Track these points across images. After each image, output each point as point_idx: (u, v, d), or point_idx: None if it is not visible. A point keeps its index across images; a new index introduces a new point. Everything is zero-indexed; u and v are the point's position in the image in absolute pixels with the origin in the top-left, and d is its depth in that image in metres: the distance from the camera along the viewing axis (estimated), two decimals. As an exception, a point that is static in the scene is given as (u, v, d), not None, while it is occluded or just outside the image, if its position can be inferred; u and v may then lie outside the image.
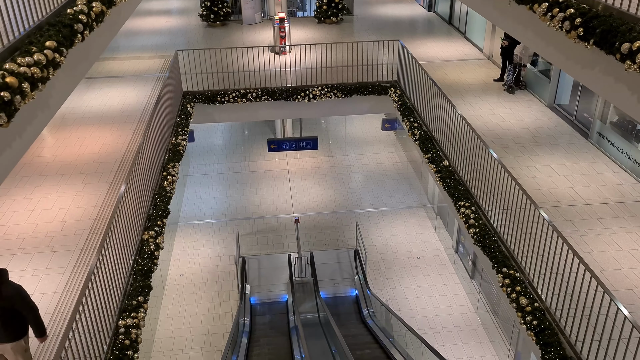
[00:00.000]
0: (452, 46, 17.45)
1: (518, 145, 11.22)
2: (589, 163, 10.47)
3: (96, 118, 12.37)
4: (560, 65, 6.82)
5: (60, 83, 6.03)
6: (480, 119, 12.37)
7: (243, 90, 14.09)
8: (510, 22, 8.12)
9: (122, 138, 11.40)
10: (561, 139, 11.43)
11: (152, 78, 14.77)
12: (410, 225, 16.12)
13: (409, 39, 17.79)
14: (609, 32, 5.26)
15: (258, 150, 20.57)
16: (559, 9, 6.15)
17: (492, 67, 15.53)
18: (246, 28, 19.71)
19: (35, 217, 8.83)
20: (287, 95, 14.28)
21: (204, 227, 16.36)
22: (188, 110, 13.41)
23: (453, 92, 13.72)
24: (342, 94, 14.42)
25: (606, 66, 5.60)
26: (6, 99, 4.38)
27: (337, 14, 20.03)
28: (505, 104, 13.15)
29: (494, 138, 11.50)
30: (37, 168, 10.26)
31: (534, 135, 11.58)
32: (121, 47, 17.80)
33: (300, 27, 19.65)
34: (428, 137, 11.96)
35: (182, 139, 12.01)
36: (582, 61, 6.12)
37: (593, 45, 5.57)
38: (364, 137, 21.31)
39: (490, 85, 14.23)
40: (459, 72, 15.21)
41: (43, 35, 5.43)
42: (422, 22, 20.39)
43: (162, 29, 19.83)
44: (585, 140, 11.32)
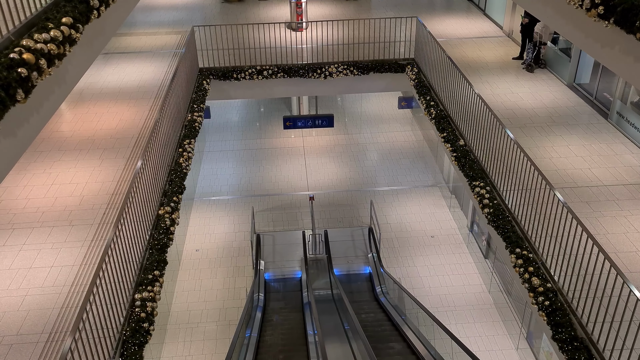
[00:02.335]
0: (472, 23, 17.16)
1: (536, 125, 11.09)
2: (607, 144, 10.33)
3: (113, 94, 12.46)
4: (580, 44, 6.70)
5: (76, 59, 6.08)
6: (498, 98, 12.22)
7: (259, 67, 14.06)
8: (530, 0, 7.96)
9: (139, 114, 11.49)
10: (580, 119, 11.26)
11: (169, 54, 14.80)
12: (425, 204, 16.10)
13: (427, 16, 17.53)
14: (630, 11, 5.14)
15: (274, 127, 20.58)
16: (579, -14, 6.02)
17: (512, 45, 15.27)
18: (263, 4, 19.57)
19: (54, 191, 8.99)
20: (303, 72, 14.21)
21: (219, 203, 16.52)
22: (204, 86, 13.43)
23: (471, 70, 13.54)
24: (358, 72, 14.31)
25: (626, 45, 5.49)
26: (23, 75, 4.44)
27: (355, -11, 19.75)
28: (524, 83, 12.96)
29: (511, 117, 11.37)
30: (55, 143, 10.41)
31: (552, 115, 11.43)
32: (138, 22, 17.81)
33: (318, 4, 19.46)
34: (444, 116, 11.87)
35: (198, 115, 12.07)
36: (602, 40, 6.00)
37: (613, 24, 5.45)
38: (380, 115, 21.20)
39: (509, 64, 14.01)
40: (477, 50, 14.99)
41: (59, 11, 5.47)
42: (441, -1, 20.06)
43: (179, 4, 19.77)
44: (605, 121, 11.14)
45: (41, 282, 7.14)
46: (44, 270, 7.34)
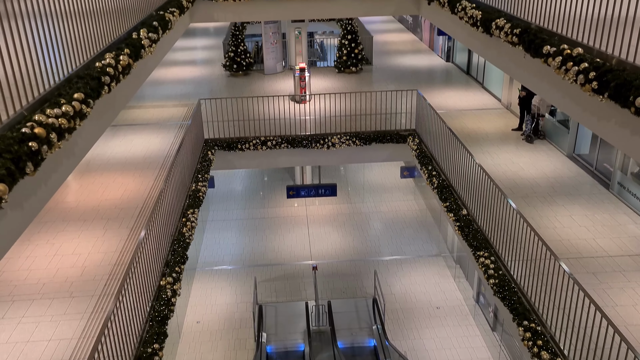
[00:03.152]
0: (471, 96, 17.63)
1: (537, 195, 11.15)
2: (610, 214, 10.33)
3: (120, 164, 12.66)
4: (577, 117, 6.86)
5: (86, 132, 6.24)
6: (499, 168, 12.36)
7: (263, 137, 14.34)
8: (526, 74, 8.22)
9: (144, 184, 11.62)
10: (581, 189, 11.33)
11: (175, 126, 15.15)
12: (429, 274, 15.91)
13: (427, 89, 18.04)
14: (623, 86, 5.30)
15: (277, 196, 20.71)
16: (572, 62, 6.24)
17: (511, 116, 15.61)
18: (268, 77, 20.22)
19: (56, 262, 8.96)
20: (306, 142, 14.48)
21: (221, 273, 16.36)
22: (209, 157, 13.66)
23: (471, 141, 13.78)
24: (360, 142, 14.57)
25: (622, 119, 5.62)
26: (34, 149, 4.55)
27: (357, 64, 20.46)
28: (524, 153, 13.15)
29: (513, 187, 11.45)
30: (60, 213, 10.48)
31: (553, 185, 11.51)
32: (146, 95, 18.36)
33: (321, 77, 20.09)
34: (446, 186, 11.96)
35: (203, 185, 12.20)
36: (598, 113, 6.15)
37: (608, 98, 5.61)
38: (382, 184, 21.36)
39: (508, 135, 14.27)
40: (477, 121, 15.31)
41: (72, 87, 5.67)
42: (440, 72, 20.70)
43: (187, 78, 20.44)
44: (606, 191, 11.20)
45: (38, 357, 6.98)
46: (42, 344, 7.20)
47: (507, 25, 8.20)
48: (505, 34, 8.20)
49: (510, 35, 8.02)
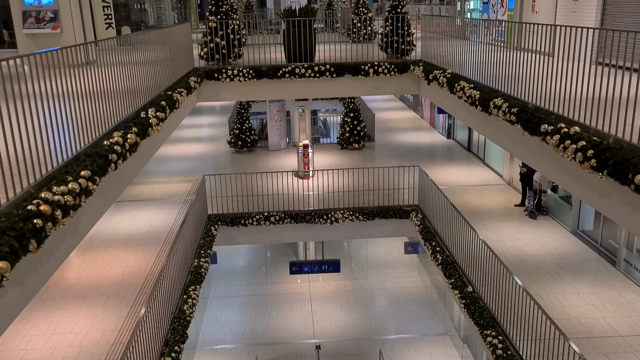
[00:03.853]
0: (472, 172, 17.81)
1: (543, 271, 11.00)
2: (618, 292, 10.15)
3: (122, 240, 12.65)
4: (577, 194, 6.91)
5: (90, 209, 6.30)
6: (503, 244, 12.29)
7: (267, 213, 14.39)
8: (525, 152, 8.36)
9: (146, 260, 11.55)
10: (587, 266, 11.20)
11: (179, 201, 15.26)
12: (436, 354, 15.41)
13: (429, 165, 18.27)
14: (622, 164, 5.38)
15: (280, 272, 20.47)
16: (570, 140, 6.37)
17: (513, 192, 15.69)
18: (272, 154, 20.56)
19: (53, 341, 8.75)
20: (309, 218, 14.50)
21: (222, 352, 15.89)
22: (212, 232, 13.65)
23: (474, 216, 13.79)
24: (363, 218, 14.59)
25: (622, 196, 5.66)
26: (38, 226, 4.58)
27: (359, 140, 20.86)
28: (528, 229, 13.11)
29: (518, 264, 11.32)
30: (60, 290, 10.35)
31: (559, 262, 11.38)
32: (152, 171, 18.62)
33: (324, 153, 20.43)
34: (451, 262, 11.85)
35: (205, 261, 12.11)
36: (599, 190, 6.20)
37: (607, 175, 5.68)
38: (386, 260, 21.15)
39: (511, 211, 14.29)
40: (479, 197, 15.39)
41: (79, 165, 5.79)
42: (441, 149, 21.04)
43: (192, 154, 20.81)
44: (613, 268, 11.06)
45: None
46: None
47: (504, 104, 8.42)
48: (503, 112, 8.41)
49: (508, 114, 8.23)
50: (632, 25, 10.00)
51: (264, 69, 13.17)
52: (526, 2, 14.02)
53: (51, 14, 11.94)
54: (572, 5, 11.89)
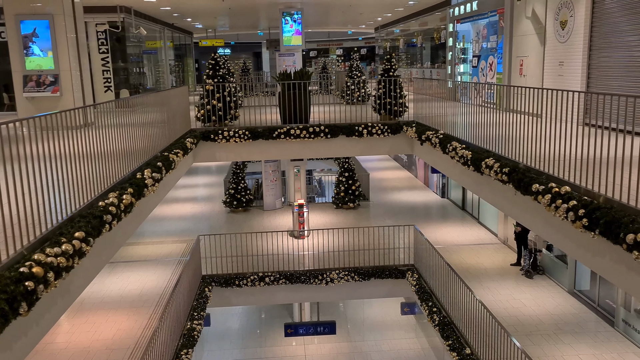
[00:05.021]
0: (467, 231, 17.82)
1: (542, 332, 10.83)
2: (618, 353, 9.97)
3: (114, 302, 12.44)
4: (571, 253, 6.92)
5: (83, 270, 6.24)
6: (500, 304, 12.15)
7: (261, 273, 14.26)
8: (518, 211, 8.42)
9: (137, 323, 11.32)
10: (586, 326, 11.04)
11: (173, 262, 15.12)
12: (435, 421, 14.88)
13: (424, 224, 18.28)
14: (613, 223, 5.43)
15: (275, 334, 20.01)
16: (562, 200, 6.44)
17: (508, 251, 15.65)
18: (267, 213, 20.57)
19: (38, 408, 8.45)
20: (305, 278, 14.36)
21: (214, 420, 15.30)
22: (206, 293, 13.46)
23: (470, 276, 13.68)
24: (359, 278, 14.46)
25: (615, 255, 5.67)
26: (30, 289, 4.54)
27: (354, 200, 20.96)
28: (524, 289, 12.99)
29: (516, 325, 11.16)
30: (48, 356, 10.09)
31: (557, 323, 11.23)
32: (146, 232, 18.54)
33: (319, 212, 20.45)
34: (448, 323, 11.66)
35: (198, 323, 11.89)
36: (592, 249, 6.22)
37: (599, 235, 5.71)
38: (383, 321, 20.75)
39: (507, 270, 14.20)
40: (475, 256, 15.33)
41: (73, 226, 5.79)
42: (436, 208, 21.12)
43: (187, 214, 20.79)
44: (612, 329, 10.90)
45: None
46: None
47: (496, 164, 8.55)
48: (495, 172, 8.53)
49: (500, 174, 8.34)
50: (616, 88, 10.31)
51: (260, 129, 13.40)
52: (514, 65, 14.50)
53: (52, 78, 12.25)
54: (558, 69, 12.30)
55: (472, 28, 18.52)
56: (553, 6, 12.39)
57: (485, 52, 16.85)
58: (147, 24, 23.34)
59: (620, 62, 10.36)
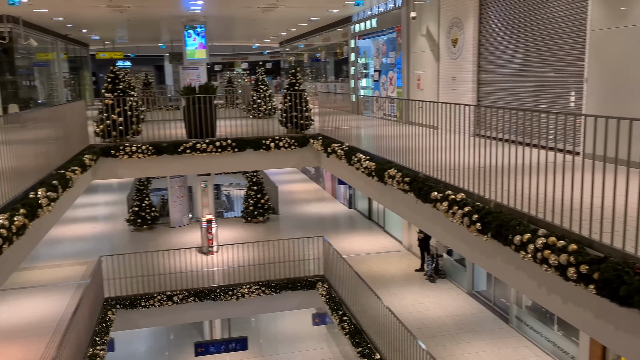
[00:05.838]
0: (374, 240, 18.36)
1: (445, 333, 11.38)
2: (513, 348, 10.69)
3: (6, 332, 11.53)
4: (468, 256, 7.36)
5: (-31, 299, 5.77)
6: (406, 309, 12.61)
7: (169, 292, 13.83)
8: (420, 218, 8.83)
9: (32, 354, 10.56)
10: (484, 325, 11.74)
11: (72, 286, 14.28)
12: None
13: (333, 235, 18.61)
14: (502, 227, 5.86)
15: (185, 355, 19.38)
16: (457, 206, 6.86)
17: (413, 257, 16.31)
18: (174, 230, 20.01)
19: None
20: (215, 295, 14.11)
21: None
22: (109, 317, 12.83)
23: (378, 283, 14.10)
24: (270, 291, 14.44)
25: (506, 256, 6.12)
26: None
27: (263, 213, 20.93)
28: (428, 293, 13.59)
29: (421, 328, 11.63)
30: None
31: (458, 323, 11.84)
32: (41, 255, 17.37)
33: (228, 227, 20.20)
34: (358, 330, 11.93)
35: (101, 349, 11.30)
36: (486, 252, 6.66)
37: (491, 237, 6.14)
38: (295, 333, 20.78)
39: (412, 275, 14.79)
40: (382, 264, 15.82)
41: (-42, 251, 5.35)
42: (344, 219, 21.58)
43: (87, 235, 19.74)
44: (507, 325, 11.68)
45: None
46: None
47: (398, 174, 8.93)
48: (397, 182, 8.91)
49: (402, 184, 8.72)
50: (503, 102, 11.15)
51: (164, 144, 13.07)
52: (412, 80, 15.25)
53: None
54: (451, 84, 13.09)
55: (373, 44, 19.27)
56: (445, 25, 13.20)
57: (386, 67, 17.57)
58: (38, 35, 22.04)
59: (505, 78, 11.23)
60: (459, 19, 12.47)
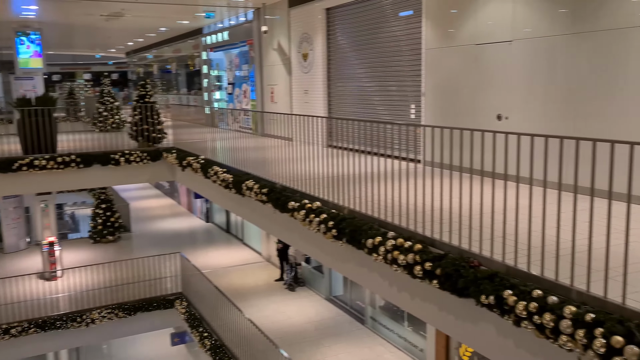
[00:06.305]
0: (233, 252, 18.24)
1: (306, 339, 11.66)
2: (369, 348, 11.28)
3: None
4: (325, 262, 7.67)
5: None
6: (267, 319, 12.70)
7: (5, 325, 12.46)
8: (278, 228, 8.99)
9: None
10: (342, 328, 12.24)
11: None
12: None
13: (190, 250, 18.11)
14: (356, 231, 6.21)
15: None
16: (314, 215, 7.11)
17: (272, 268, 16.48)
18: (9, 256, 18.07)
19: None
20: (60, 323, 13.00)
21: None
22: None
23: (239, 296, 14.02)
24: (124, 314, 13.66)
25: (360, 259, 6.47)
26: None
27: (114, 232, 19.76)
28: (289, 301, 13.83)
29: (283, 337, 11.79)
30: None
31: (318, 328, 12.21)
32: None
33: (74, 249, 18.74)
34: (220, 346, 11.75)
35: None
36: (341, 257, 6.98)
37: (346, 243, 6.46)
38: (152, 356, 19.83)
39: (272, 286, 14.94)
40: (242, 276, 15.77)
41: None
42: (201, 233, 21.16)
43: None
44: (363, 326, 12.30)
45: None
46: None
47: (255, 185, 9.01)
48: (255, 193, 8.98)
49: (260, 195, 8.81)
50: (352, 114, 11.79)
51: (-5, 162, 11.81)
52: (266, 93, 15.49)
53: None
54: (304, 97, 13.54)
55: (225, 57, 19.24)
56: (295, 40, 13.64)
57: (239, 80, 17.65)
58: None
59: (353, 91, 11.89)
60: (309, 34, 12.97)
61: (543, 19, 7.32)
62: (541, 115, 7.41)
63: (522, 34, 7.57)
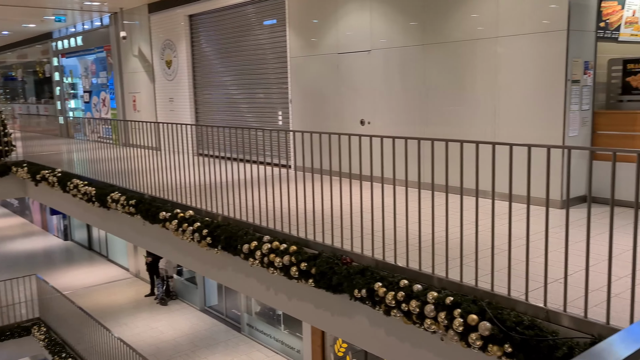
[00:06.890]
0: (97, 270, 17.18)
1: (181, 354, 11.36)
2: (247, 354, 11.29)
3: None
4: (199, 271, 7.57)
5: None
6: (139, 336, 12.17)
7: None
8: (148, 241, 8.68)
9: None
10: (218, 337, 12.11)
11: None
12: None
13: (48, 272, 16.75)
14: (231, 238, 6.23)
15: None
16: (187, 223, 7.00)
17: (142, 283, 15.79)
18: None
19: None
20: None
21: None
22: None
23: (107, 315, 13.26)
24: (-29, 348, 12.26)
25: (237, 265, 6.50)
26: None
27: (-46, 258, 17.62)
28: (160, 316, 13.35)
29: (156, 353, 11.38)
30: None
31: (193, 341, 11.95)
32: None
33: None
34: (87, 371, 11.03)
35: None
36: (217, 265, 6.95)
37: (222, 250, 6.46)
38: (7, 392, 17.99)
39: (142, 302, 14.33)
40: (109, 295, 14.92)
41: None
42: (59, 252, 19.63)
43: None
44: (239, 334, 12.26)
45: None
46: None
47: (122, 197, 8.63)
48: (122, 205, 8.60)
49: (127, 207, 8.46)
50: (220, 121, 11.75)
51: None
52: (128, 101, 14.85)
53: None
54: (169, 105, 13.20)
55: (80, 63, 18.11)
56: (157, 46, 13.27)
57: (97, 88, 16.72)
58: None
59: (220, 99, 11.85)
60: (172, 41, 12.69)
61: (397, 31, 7.92)
62: (400, 120, 8.01)
63: (380, 44, 8.12)
